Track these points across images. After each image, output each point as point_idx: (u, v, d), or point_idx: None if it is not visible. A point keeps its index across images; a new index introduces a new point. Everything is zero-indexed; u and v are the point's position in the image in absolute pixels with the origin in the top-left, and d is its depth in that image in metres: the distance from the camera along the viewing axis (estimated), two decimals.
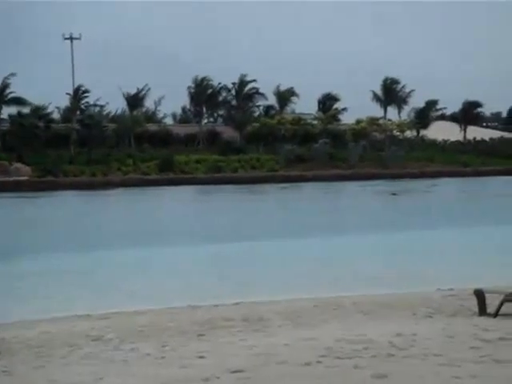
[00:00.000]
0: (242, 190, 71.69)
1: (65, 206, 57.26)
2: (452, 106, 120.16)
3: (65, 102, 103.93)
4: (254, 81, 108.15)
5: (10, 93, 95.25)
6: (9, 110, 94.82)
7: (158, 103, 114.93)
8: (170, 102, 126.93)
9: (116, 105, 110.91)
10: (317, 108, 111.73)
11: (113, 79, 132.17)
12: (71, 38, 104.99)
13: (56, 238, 32.43)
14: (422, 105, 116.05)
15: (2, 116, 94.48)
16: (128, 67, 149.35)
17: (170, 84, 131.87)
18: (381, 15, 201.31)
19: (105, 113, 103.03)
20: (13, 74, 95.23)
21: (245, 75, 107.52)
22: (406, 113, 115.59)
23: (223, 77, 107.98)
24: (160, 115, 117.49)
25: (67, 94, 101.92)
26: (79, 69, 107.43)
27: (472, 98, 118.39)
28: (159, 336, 11.58)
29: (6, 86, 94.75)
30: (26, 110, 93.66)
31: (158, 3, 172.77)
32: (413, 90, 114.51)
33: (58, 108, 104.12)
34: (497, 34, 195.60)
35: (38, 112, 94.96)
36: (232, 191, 70.61)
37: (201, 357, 9.72)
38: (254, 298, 16.13)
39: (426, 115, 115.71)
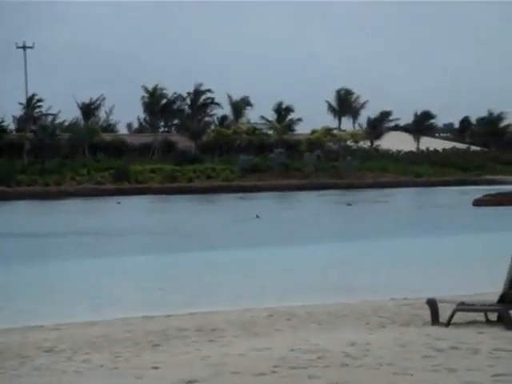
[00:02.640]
0: (197, 200, 71.60)
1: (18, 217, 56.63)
2: (405, 116, 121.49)
3: (17, 111, 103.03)
4: (209, 90, 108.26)
5: None
6: None
7: (109, 113, 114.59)
8: (122, 111, 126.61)
9: (69, 114, 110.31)
10: (272, 117, 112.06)
11: (66, 88, 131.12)
12: (24, 47, 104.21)
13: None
14: (375, 115, 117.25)
15: None
16: (80, 76, 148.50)
17: (122, 93, 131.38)
18: (334, 26, 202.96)
19: (58, 122, 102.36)
20: None
21: (200, 84, 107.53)
22: (360, 123, 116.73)
23: (177, 86, 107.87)
24: (112, 124, 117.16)
25: (20, 103, 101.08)
26: (32, 77, 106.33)
27: (424, 108, 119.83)
28: (113, 347, 11.49)
29: None
30: None
31: (108, 15, 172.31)
32: (367, 101, 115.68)
33: (14, 117, 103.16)
34: (448, 46, 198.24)
35: None
36: (187, 201, 70.46)
37: (155, 367, 9.67)
38: (208, 308, 16.11)
39: (379, 126, 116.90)
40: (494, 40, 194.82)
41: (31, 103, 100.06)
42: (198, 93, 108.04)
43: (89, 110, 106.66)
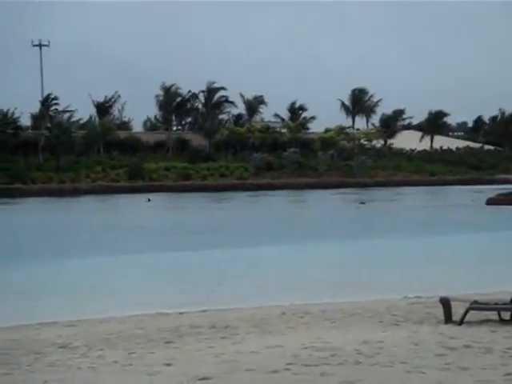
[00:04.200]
0: (211, 198, 71.65)
1: (34, 213, 56.86)
2: (418, 115, 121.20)
3: (35, 108, 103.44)
4: (223, 88, 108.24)
5: None
6: None
7: (122, 110, 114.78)
8: (135, 109, 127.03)
9: (84, 112, 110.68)
10: (286, 116, 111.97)
11: (81, 86, 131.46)
12: (40, 45, 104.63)
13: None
14: (389, 114, 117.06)
15: None
16: (96, 74, 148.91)
17: (136, 91, 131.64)
18: (348, 27, 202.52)
19: (74, 120, 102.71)
20: None
21: (213, 82, 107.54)
22: (373, 122, 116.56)
23: (191, 84, 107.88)
24: (126, 121, 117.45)
25: (35, 101, 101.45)
26: (48, 75, 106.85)
27: (438, 107, 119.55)
28: (126, 343, 11.54)
29: None
30: None
31: (122, 15, 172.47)
32: (380, 100, 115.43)
33: (31, 114, 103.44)
34: (463, 46, 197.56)
35: (6, 119, 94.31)
36: (201, 199, 70.53)
37: (168, 364, 9.71)
38: (221, 305, 16.14)
39: (392, 124, 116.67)
40: (505, 40, 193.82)
41: (47, 101, 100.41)
42: (211, 91, 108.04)
43: (104, 107, 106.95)
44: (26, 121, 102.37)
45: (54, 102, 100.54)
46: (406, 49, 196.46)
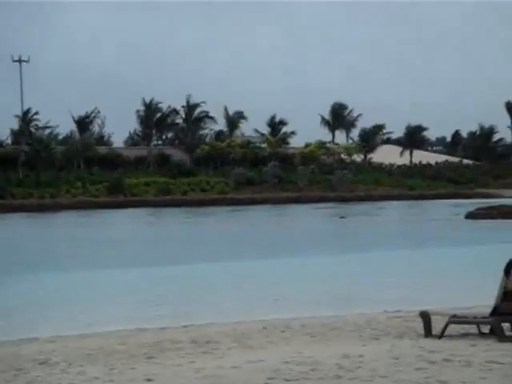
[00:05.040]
0: (192, 213, 71.59)
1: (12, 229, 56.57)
2: (397, 130, 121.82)
3: (13, 124, 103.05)
4: (203, 103, 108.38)
5: None
6: None
7: (102, 125, 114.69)
8: (117, 124, 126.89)
9: (65, 127, 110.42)
10: (266, 131, 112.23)
11: (60, 102, 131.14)
12: (20, 61, 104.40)
13: None
14: (368, 129, 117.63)
15: None
16: (75, 90, 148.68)
17: (117, 106, 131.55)
18: (326, 39, 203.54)
19: (54, 135, 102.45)
20: None
21: (189, 95, 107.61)
22: (353, 137, 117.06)
23: (170, 99, 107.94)
24: (105, 136, 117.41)
25: (16, 116, 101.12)
26: (28, 91, 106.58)
27: (416, 122, 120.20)
28: (107, 359, 11.52)
29: None
30: None
31: (105, 27, 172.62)
32: (360, 114, 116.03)
33: (11, 130, 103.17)
34: (442, 60, 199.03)
35: None
36: (181, 214, 70.47)
37: (149, 379, 9.71)
38: (202, 320, 16.14)
39: (372, 139, 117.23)
40: (483, 53, 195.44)
41: (27, 116, 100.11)
42: (192, 107, 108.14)
43: (84, 123, 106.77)
44: (3, 135, 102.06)
45: (34, 117, 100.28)
46: (387, 62, 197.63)
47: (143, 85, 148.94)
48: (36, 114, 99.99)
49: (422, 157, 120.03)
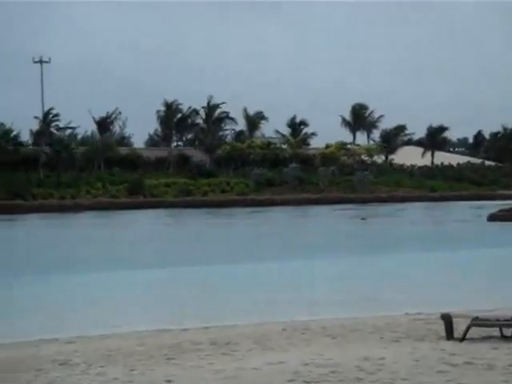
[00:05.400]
0: (212, 214, 71.62)
1: (33, 229, 56.85)
2: (419, 131, 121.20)
3: (34, 125, 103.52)
4: (224, 103, 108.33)
5: None
6: None
7: (123, 126, 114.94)
8: (137, 124, 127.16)
9: (85, 128, 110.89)
10: (286, 132, 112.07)
11: (80, 102, 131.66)
12: (41, 62, 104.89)
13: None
14: (390, 129, 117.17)
15: None
16: (95, 91, 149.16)
17: (136, 108, 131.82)
18: (347, 41, 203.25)
19: (74, 136, 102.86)
20: None
21: (211, 96, 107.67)
22: (373, 138, 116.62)
23: (190, 100, 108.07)
24: (126, 137, 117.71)
25: (35, 117, 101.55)
26: (48, 92, 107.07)
27: (438, 123, 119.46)
28: (127, 360, 11.51)
29: None
30: None
31: (126, 27, 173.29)
32: (382, 116, 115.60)
33: (31, 130, 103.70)
34: (463, 61, 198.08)
35: (6, 135, 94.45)
36: (201, 214, 70.51)
37: (169, 381, 9.68)
38: (222, 321, 16.10)
39: (393, 140, 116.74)
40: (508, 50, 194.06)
41: (48, 117, 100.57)
42: (212, 107, 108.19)
43: (104, 123, 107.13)
44: (25, 137, 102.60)
45: (55, 118, 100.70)
46: (407, 63, 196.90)
47: (163, 85, 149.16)
48: (57, 115, 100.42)
49: (443, 158, 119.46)
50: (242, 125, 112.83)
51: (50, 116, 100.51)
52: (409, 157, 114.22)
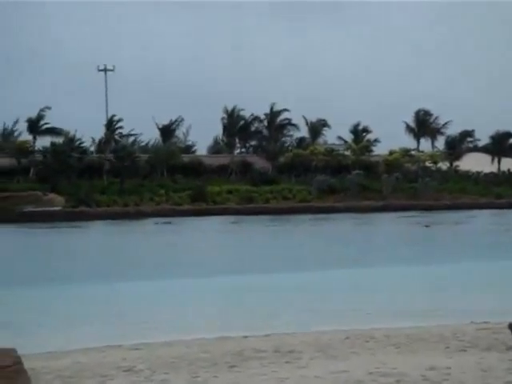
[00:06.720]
0: (274, 221, 71.64)
1: (100, 237, 57.55)
2: (484, 137, 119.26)
3: (98, 133, 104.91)
4: (286, 110, 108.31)
5: (45, 124, 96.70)
6: (42, 142, 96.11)
7: (186, 134, 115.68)
8: (200, 132, 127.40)
9: (148, 135, 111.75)
10: (349, 138, 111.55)
11: (144, 110, 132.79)
12: (105, 70, 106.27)
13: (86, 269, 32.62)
14: (455, 136, 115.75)
15: (36, 147, 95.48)
16: (158, 99, 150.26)
17: (200, 114, 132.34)
18: (411, 48, 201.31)
19: (138, 143, 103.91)
20: (48, 108, 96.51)
21: (274, 103, 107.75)
22: (437, 145, 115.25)
23: (251, 107, 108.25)
24: (190, 144, 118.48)
25: (104, 125, 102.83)
26: (112, 100, 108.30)
27: (504, 128, 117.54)
28: (191, 367, 11.53)
29: (40, 117, 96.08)
30: (59, 141, 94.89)
31: (186, 34, 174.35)
32: (449, 121, 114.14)
33: (93, 139, 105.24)
34: None
35: (72, 143, 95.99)
36: (264, 222, 70.58)
37: None
38: (285, 329, 16.04)
39: (458, 146, 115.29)
40: None
41: (111, 124, 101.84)
42: (274, 114, 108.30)
43: (168, 131, 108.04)
44: (88, 144, 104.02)
45: (119, 125, 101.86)
46: (471, 68, 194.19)
47: (227, 92, 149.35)
48: (120, 121, 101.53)
49: (510, 165, 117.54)
50: (304, 131, 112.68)
51: (114, 123, 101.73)
52: (474, 163, 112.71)
